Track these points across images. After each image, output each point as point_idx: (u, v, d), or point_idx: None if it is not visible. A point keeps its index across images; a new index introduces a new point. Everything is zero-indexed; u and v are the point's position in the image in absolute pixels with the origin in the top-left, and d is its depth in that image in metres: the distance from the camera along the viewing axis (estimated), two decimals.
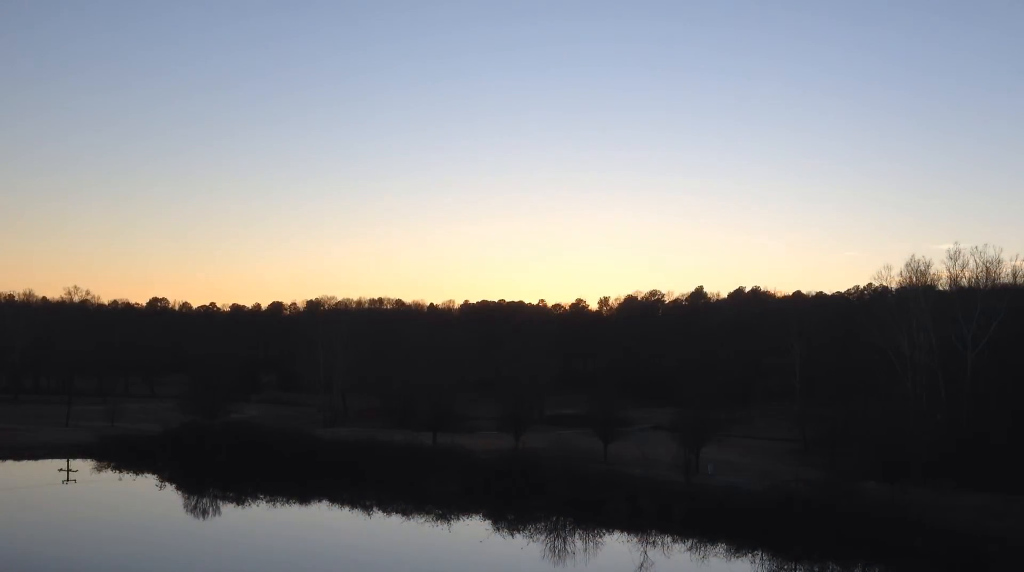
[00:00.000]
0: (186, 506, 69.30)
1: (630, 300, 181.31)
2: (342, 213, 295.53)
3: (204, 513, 65.66)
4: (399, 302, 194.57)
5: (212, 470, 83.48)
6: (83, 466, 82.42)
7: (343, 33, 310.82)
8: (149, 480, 79.71)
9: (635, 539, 57.98)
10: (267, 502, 70.47)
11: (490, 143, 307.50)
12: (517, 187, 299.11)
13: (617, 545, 57.39)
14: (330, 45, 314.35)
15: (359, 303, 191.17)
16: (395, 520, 64.38)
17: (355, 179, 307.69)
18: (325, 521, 64.30)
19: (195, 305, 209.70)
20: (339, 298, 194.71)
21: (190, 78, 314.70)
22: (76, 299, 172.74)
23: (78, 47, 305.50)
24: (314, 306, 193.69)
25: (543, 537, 58.43)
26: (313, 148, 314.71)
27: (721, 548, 55.41)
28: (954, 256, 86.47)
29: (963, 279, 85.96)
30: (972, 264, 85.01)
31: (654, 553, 54.41)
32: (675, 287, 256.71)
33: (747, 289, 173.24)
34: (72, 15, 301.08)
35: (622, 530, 60.35)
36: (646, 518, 62.35)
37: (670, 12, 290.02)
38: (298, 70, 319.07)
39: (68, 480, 74.71)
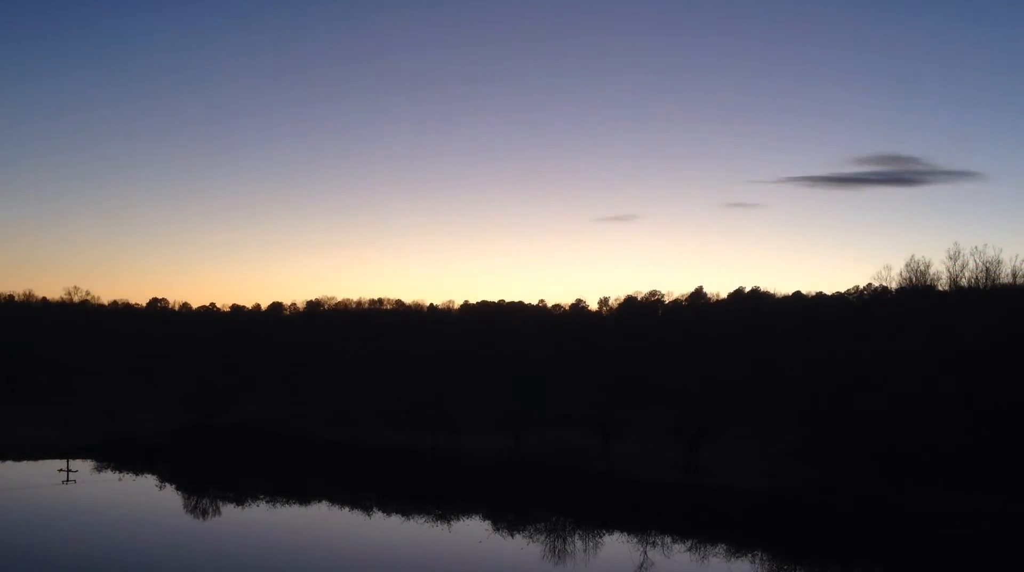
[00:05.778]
0: (186, 506, 69.31)
1: (630, 300, 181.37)
2: (342, 213, 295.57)
3: (204, 513, 65.68)
4: (399, 302, 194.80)
5: (212, 470, 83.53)
6: (83, 466, 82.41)
7: (344, 32, 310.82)
8: (149, 480, 79.73)
9: (635, 539, 58.01)
10: (267, 502, 70.46)
11: (490, 143, 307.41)
12: (517, 187, 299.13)
13: (617, 545, 57.43)
14: (331, 44, 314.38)
15: (359, 303, 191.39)
16: (395, 520, 64.38)
17: (355, 179, 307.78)
18: (325, 521, 64.33)
19: (195, 305, 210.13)
20: (339, 298, 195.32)
21: (190, 77, 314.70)
22: (76, 299, 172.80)
23: (77, 46, 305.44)
24: (314, 306, 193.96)
25: (543, 537, 58.45)
26: (313, 148, 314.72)
27: (721, 548, 55.46)
28: (954, 256, 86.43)
29: (963, 279, 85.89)
30: (972, 264, 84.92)
31: (654, 553, 54.43)
32: (675, 287, 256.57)
33: (747, 289, 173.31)
34: (72, 14, 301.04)
35: (622, 530, 60.40)
36: (646, 518, 62.39)
37: (673, 8, 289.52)
38: (299, 70, 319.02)
39: (68, 480, 74.71)
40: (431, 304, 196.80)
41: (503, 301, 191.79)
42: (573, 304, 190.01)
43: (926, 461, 62.81)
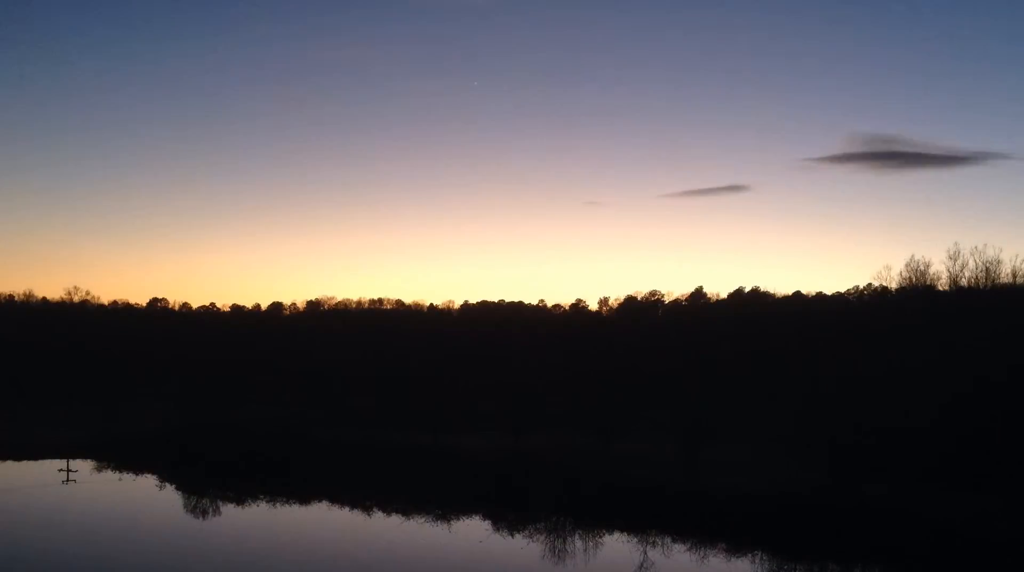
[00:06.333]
0: (186, 506, 69.31)
1: (630, 300, 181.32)
2: (342, 212, 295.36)
3: (204, 513, 65.66)
4: (399, 302, 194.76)
5: (212, 470, 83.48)
6: (83, 466, 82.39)
7: (343, 30, 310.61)
8: (149, 480, 79.72)
9: (635, 539, 57.99)
10: (267, 502, 70.47)
11: (491, 142, 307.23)
12: (517, 187, 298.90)
13: (617, 545, 57.42)
14: (330, 42, 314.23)
15: (359, 303, 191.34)
16: (395, 520, 64.37)
17: (355, 178, 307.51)
18: (325, 521, 64.32)
19: (195, 305, 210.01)
20: (339, 298, 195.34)
21: (190, 76, 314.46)
22: (76, 299, 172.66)
23: (77, 46, 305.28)
24: (314, 306, 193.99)
25: (543, 537, 58.44)
26: (313, 147, 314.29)
27: (721, 548, 55.44)
28: (954, 256, 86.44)
29: (963, 279, 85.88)
30: (972, 264, 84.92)
31: (654, 553, 54.41)
32: (675, 287, 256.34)
33: (747, 289, 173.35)
34: (71, 12, 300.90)
35: (622, 530, 60.39)
36: (646, 518, 62.35)
37: (672, 6, 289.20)
38: (298, 69, 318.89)
39: (68, 480, 74.69)
40: (431, 304, 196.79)
41: (503, 301, 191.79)
42: (573, 304, 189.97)
43: (927, 461, 62.75)
